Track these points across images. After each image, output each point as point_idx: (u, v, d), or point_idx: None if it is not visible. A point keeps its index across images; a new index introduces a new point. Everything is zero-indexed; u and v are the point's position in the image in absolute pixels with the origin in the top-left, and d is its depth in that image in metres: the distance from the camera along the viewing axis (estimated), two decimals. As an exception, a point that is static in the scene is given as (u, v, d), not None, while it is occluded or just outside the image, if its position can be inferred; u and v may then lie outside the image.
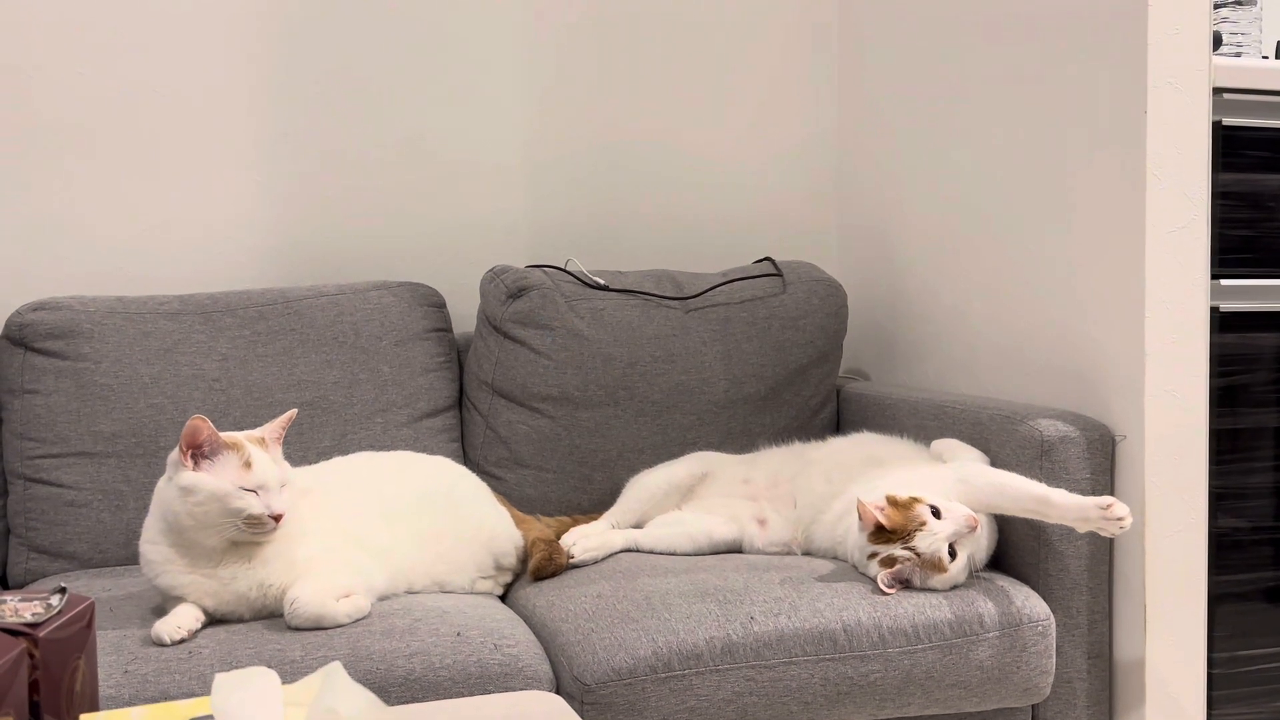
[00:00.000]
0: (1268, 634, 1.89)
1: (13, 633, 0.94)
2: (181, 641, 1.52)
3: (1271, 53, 2.27)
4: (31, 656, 0.93)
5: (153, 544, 1.58)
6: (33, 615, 0.96)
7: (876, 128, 2.51)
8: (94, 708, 1.02)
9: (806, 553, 1.94)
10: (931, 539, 1.68)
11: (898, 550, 1.70)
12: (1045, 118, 2.00)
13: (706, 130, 2.57)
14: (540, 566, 1.86)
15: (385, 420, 2.10)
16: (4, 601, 0.98)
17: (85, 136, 2.23)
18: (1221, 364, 1.84)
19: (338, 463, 1.87)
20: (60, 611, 0.98)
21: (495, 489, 2.03)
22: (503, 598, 1.88)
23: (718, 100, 2.58)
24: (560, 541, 1.92)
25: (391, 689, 1.50)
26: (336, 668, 0.90)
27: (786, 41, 2.62)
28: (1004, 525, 1.85)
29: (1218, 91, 1.81)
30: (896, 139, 2.44)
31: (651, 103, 2.54)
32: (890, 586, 1.71)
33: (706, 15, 2.56)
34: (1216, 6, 2.07)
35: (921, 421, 2.05)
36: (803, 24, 2.62)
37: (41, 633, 0.94)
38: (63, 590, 1.01)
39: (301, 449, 1.99)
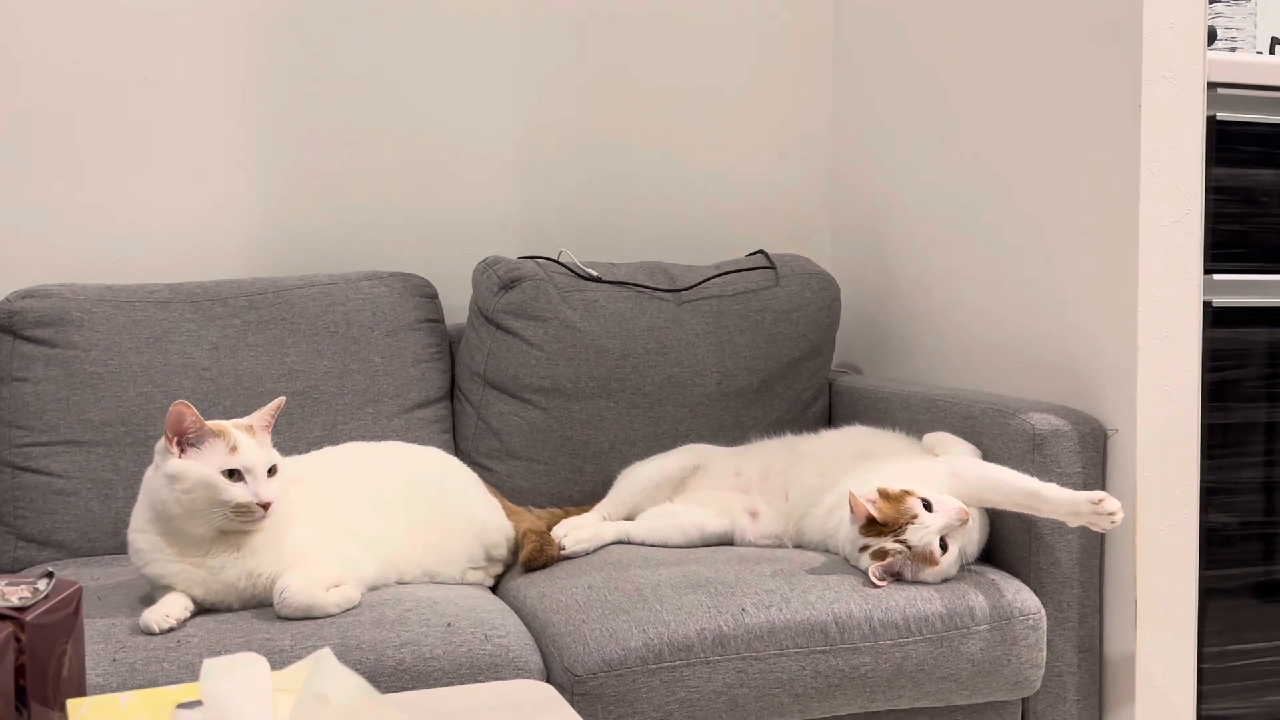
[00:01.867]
0: (1257, 629, 1.89)
1: (-1, 616, 0.93)
2: (170, 630, 1.51)
3: (1266, 48, 2.27)
4: (18, 641, 0.92)
5: (141, 533, 1.58)
6: (19, 599, 0.95)
7: (870, 121, 2.51)
8: (81, 693, 1.01)
9: (798, 545, 1.94)
10: (923, 532, 1.68)
11: (889, 543, 1.70)
12: (1038, 111, 2.00)
13: (700, 123, 2.57)
14: (531, 558, 1.85)
15: (376, 411, 2.09)
16: (-9, 586, 0.97)
17: (77, 125, 2.22)
18: (1213, 359, 1.84)
19: (328, 453, 1.86)
20: (47, 596, 0.97)
21: (487, 480, 2.03)
22: (494, 589, 1.87)
23: (712, 93, 2.57)
24: (551, 533, 1.91)
25: (382, 679, 1.49)
26: (326, 654, 0.89)
27: (781, 35, 2.61)
28: (995, 519, 1.85)
29: (1212, 86, 1.81)
30: (890, 132, 2.44)
31: (646, 95, 2.53)
32: (881, 579, 1.70)
33: (701, 9, 2.55)
34: (1211, 1, 2.07)
35: (913, 415, 2.05)
36: (797, 18, 2.62)
37: (28, 617, 0.93)
38: (50, 575, 1.00)
39: (292, 439, 1.98)
